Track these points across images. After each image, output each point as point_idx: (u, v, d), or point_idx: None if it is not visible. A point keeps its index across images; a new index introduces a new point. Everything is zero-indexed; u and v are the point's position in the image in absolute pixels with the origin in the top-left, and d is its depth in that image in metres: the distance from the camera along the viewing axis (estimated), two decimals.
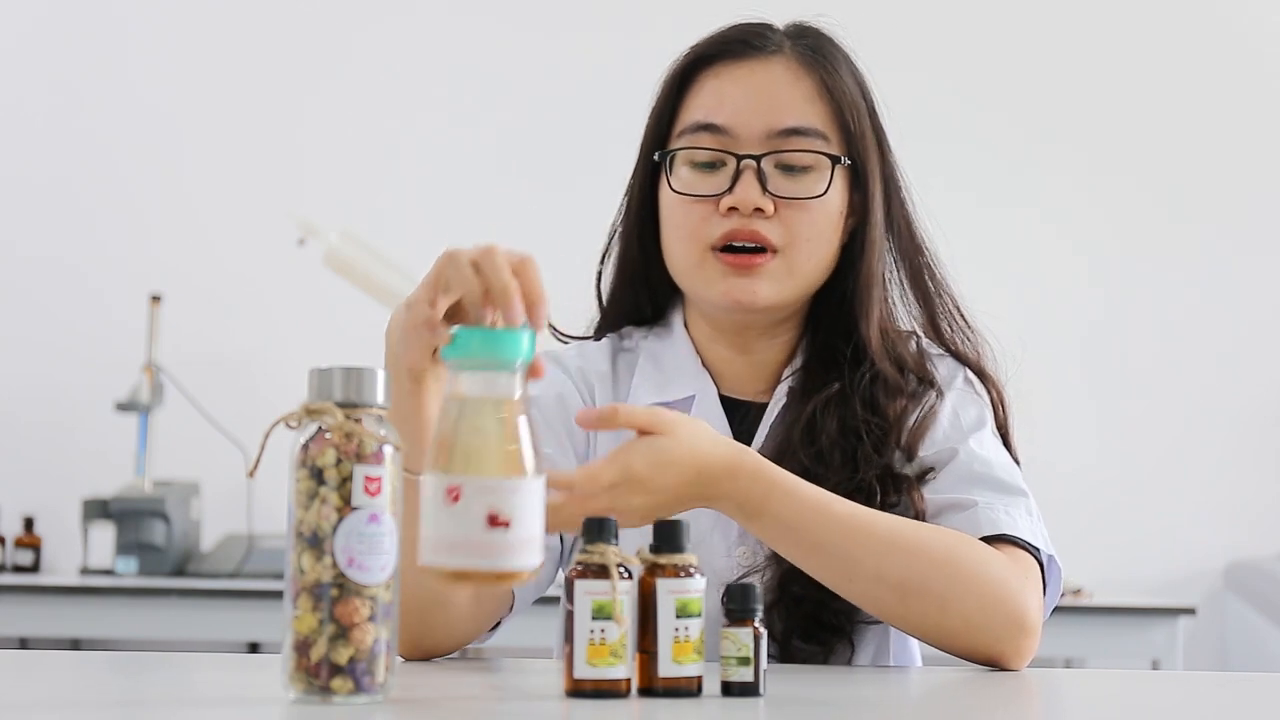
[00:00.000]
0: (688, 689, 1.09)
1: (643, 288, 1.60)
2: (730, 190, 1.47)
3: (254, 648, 3.51)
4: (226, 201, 4.00)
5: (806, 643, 1.44)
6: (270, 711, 1.01)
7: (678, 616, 1.08)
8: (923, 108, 3.35)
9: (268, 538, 3.50)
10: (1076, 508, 3.75)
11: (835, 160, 1.49)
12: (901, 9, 3.98)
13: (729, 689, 1.11)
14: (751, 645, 1.10)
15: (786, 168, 1.49)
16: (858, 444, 1.47)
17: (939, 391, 1.52)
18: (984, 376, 1.56)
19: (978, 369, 1.56)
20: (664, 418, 1.28)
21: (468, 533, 1.04)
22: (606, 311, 1.64)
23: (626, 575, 1.08)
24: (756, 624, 1.11)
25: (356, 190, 3.99)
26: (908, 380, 1.52)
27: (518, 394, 1.07)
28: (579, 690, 1.06)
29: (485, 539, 1.03)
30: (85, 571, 3.47)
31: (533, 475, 1.06)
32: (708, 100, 1.51)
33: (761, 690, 1.11)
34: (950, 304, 1.57)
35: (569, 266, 1.60)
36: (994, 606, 1.34)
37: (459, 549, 1.04)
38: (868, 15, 1.96)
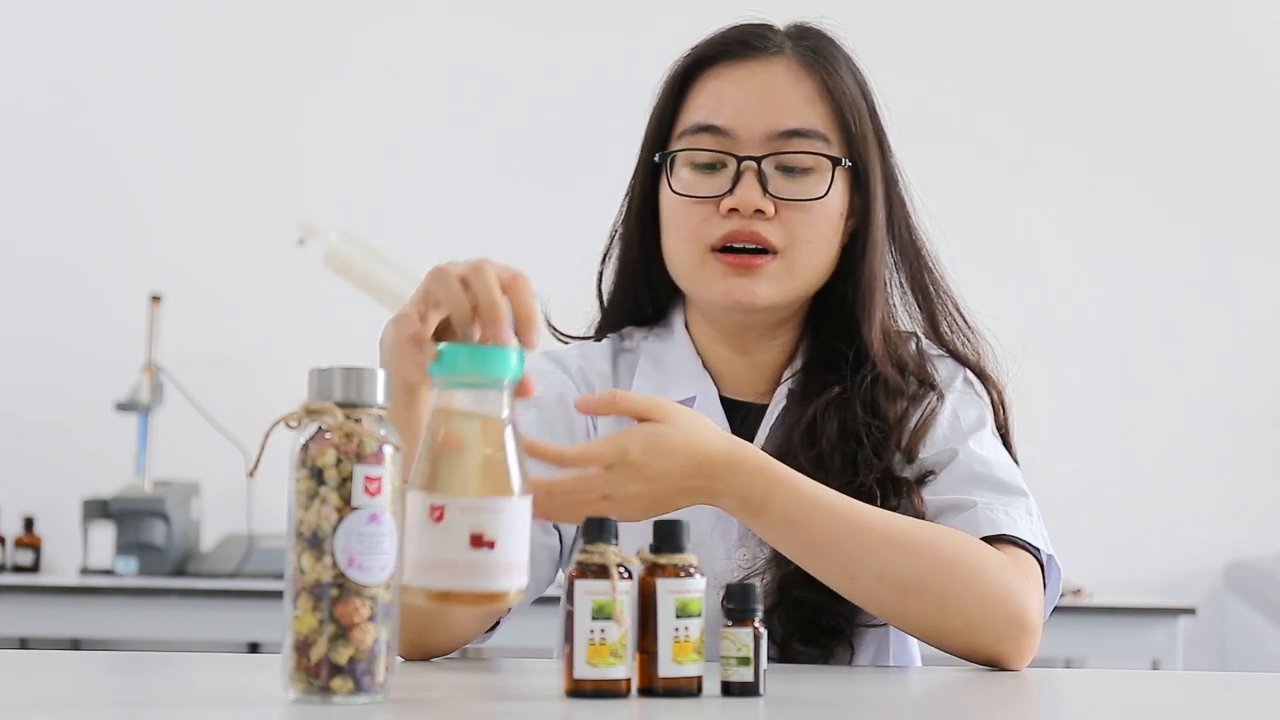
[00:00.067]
0: (688, 689, 1.09)
1: (643, 288, 1.60)
2: (731, 191, 1.47)
3: (254, 648, 3.51)
4: (226, 201, 4.00)
5: (806, 645, 1.44)
6: (270, 711, 1.01)
7: (678, 616, 1.08)
8: (923, 108, 3.35)
9: (268, 538, 3.50)
10: (1076, 508, 3.75)
11: (836, 162, 1.49)
12: (902, 10, 3.98)
13: (729, 689, 1.11)
14: (751, 645, 1.10)
15: (787, 169, 1.49)
16: (858, 447, 1.47)
17: (939, 393, 1.52)
18: (984, 377, 1.56)
19: (978, 370, 1.56)
20: (663, 405, 1.28)
21: (450, 553, 1.02)
22: (607, 312, 1.64)
23: (626, 575, 1.08)
24: (756, 624, 1.11)
25: (356, 190, 3.99)
26: (908, 382, 1.52)
27: (505, 412, 1.06)
28: (579, 690, 1.06)
29: (468, 560, 1.02)
30: (85, 571, 3.47)
31: (519, 495, 1.05)
32: (708, 101, 1.50)
33: (761, 690, 1.11)
34: (950, 305, 1.57)
35: (569, 266, 1.60)
36: (994, 606, 1.34)
37: (441, 569, 1.03)
38: (868, 16, 1.96)
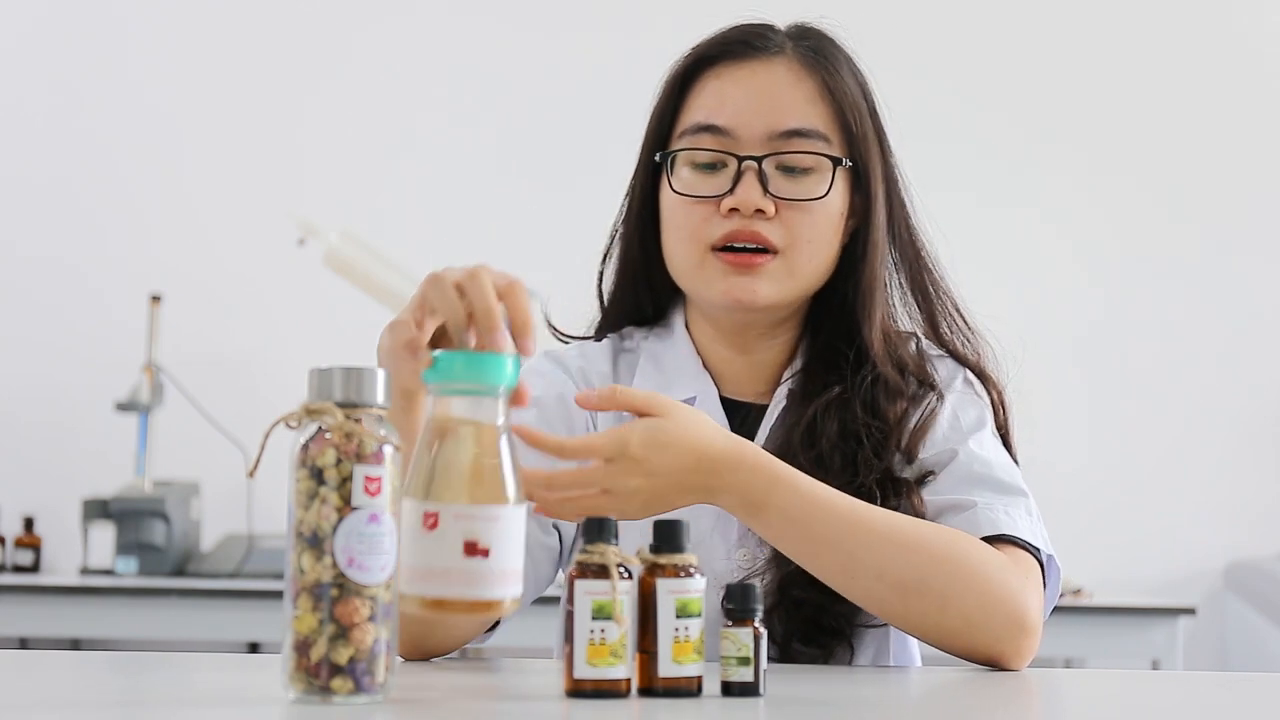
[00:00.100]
0: (688, 689, 1.09)
1: (644, 288, 1.60)
2: (731, 191, 1.47)
3: (254, 648, 3.50)
4: (226, 201, 4.00)
5: (806, 646, 1.44)
6: (270, 711, 1.01)
7: (678, 616, 1.08)
8: (923, 108, 3.35)
9: (268, 538, 3.50)
10: (1076, 508, 3.75)
11: (837, 162, 1.49)
12: (902, 10, 3.98)
13: (729, 689, 1.11)
14: (751, 645, 1.10)
15: (788, 169, 1.49)
16: (858, 447, 1.47)
17: (939, 393, 1.52)
18: (984, 377, 1.56)
19: (978, 370, 1.56)
20: (662, 401, 1.28)
21: (444, 561, 1.02)
22: (607, 312, 1.64)
23: (626, 575, 1.07)
24: (756, 624, 1.11)
25: (356, 190, 3.99)
26: (908, 382, 1.52)
27: (500, 420, 1.06)
28: (579, 690, 1.06)
29: (462, 567, 1.02)
30: (85, 571, 3.47)
31: (514, 504, 1.04)
32: (709, 101, 1.50)
33: (761, 690, 1.11)
34: (950, 305, 1.57)
35: (569, 266, 1.60)
36: (994, 606, 1.34)
37: (435, 577, 1.02)
38: (868, 16, 1.96)
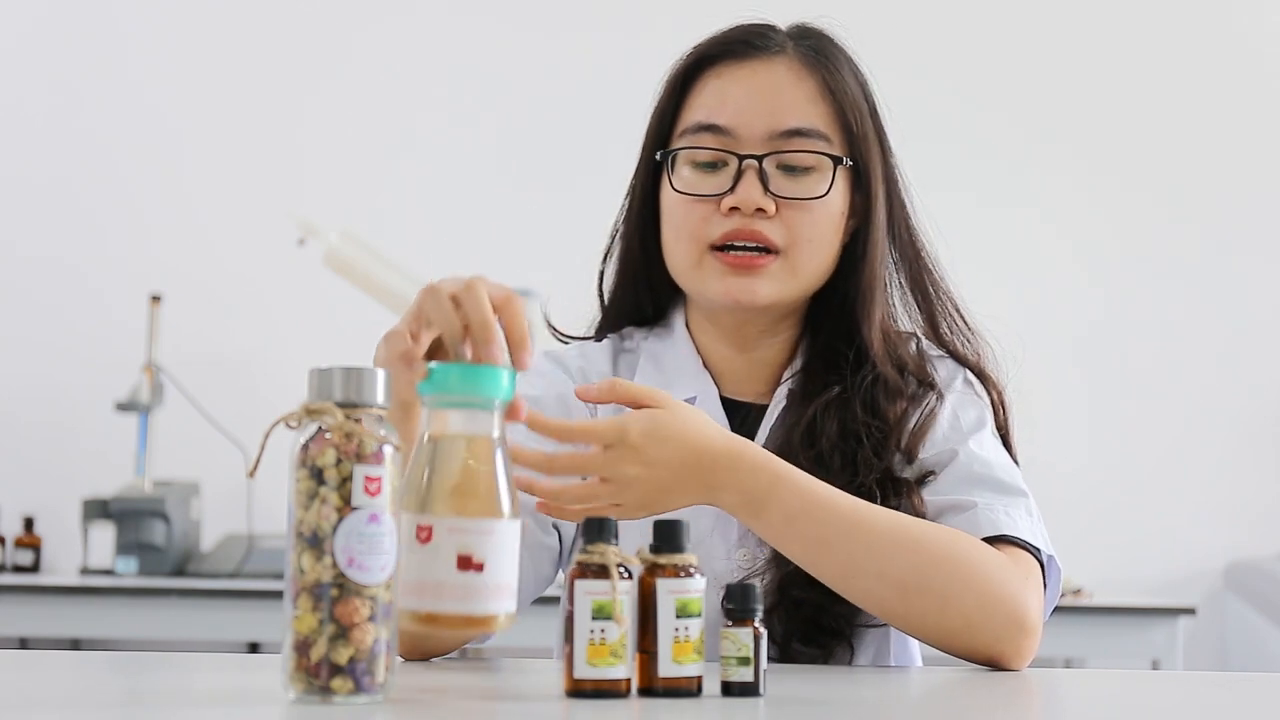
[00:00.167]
0: (688, 689, 1.09)
1: (644, 288, 1.60)
2: (732, 190, 1.47)
3: (254, 648, 3.51)
4: (226, 201, 4.00)
5: (806, 646, 1.44)
6: (270, 711, 1.01)
7: (678, 616, 1.08)
8: (923, 109, 3.35)
9: (268, 538, 3.50)
10: (1076, 508, 3.75)
11: (837, 161, 1.49)
12: (902, 10, 3.99)
13: (729, 689, 1.11)
14: (751, 645, 1.10)
15: (788, 168, 1.49)
16: (858, 447, 1.47)
17: (939, 393, 1.52)
18: (984, 378, 1.56)
19: (978, 370, 1.56)
20: (662, 395, 1.30)
21: (438, 574, 1.02)
22: (607, 311, 1.64)
23: (626, 575, 1.07)
24: (756, 624, 1.11)
25: (356, 190, 3.99)
26: (908, 382, 1.52)
27: (495, 433, 1.06)
28: (579, 690, 1.06)
29: (456, 581, 1.02)
30: (85, 571, 3.47)
31: (509, 517, 1.04)
32: (710, 100, 1.50)
33: (761, 690, 1.10)
34: (950, 305, 1.57)
35: (569, 266, 1.60)
36: (994, 606, 1.33)
37: (428, 591, 1.02)
38: (868, 16, 1.96)
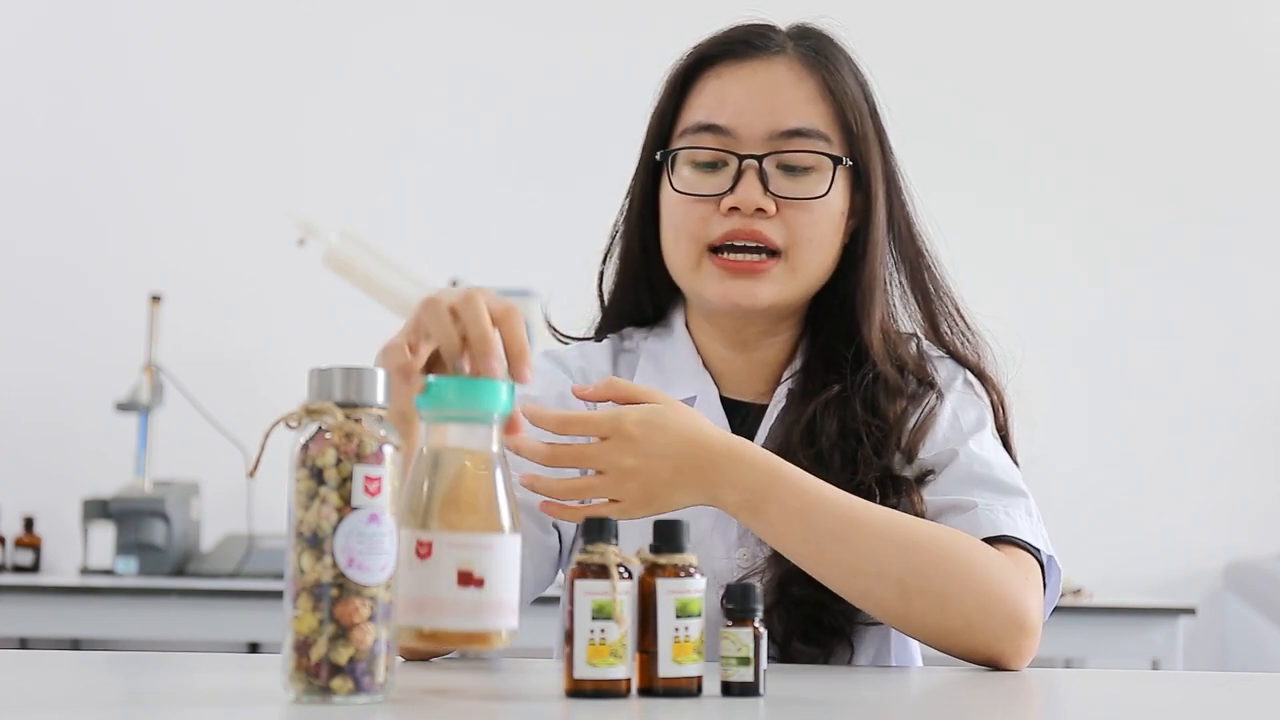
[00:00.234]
0: (688, 689, 1.09)
1: (644, 288, 1.60)
2: (732, 190, 1.47)
3: (254, 648, 3.51)
4: (226, 201, 4.00)
5: (806, 645, 1.44)
6: (270, 711, 1.01)
7: (678, 616, 1.08)
8: (923, 109, 3.35)
9: (268, 538, 3.50)
10: (1076, 508, 3.75)
11: (837, 161, 1.49)
12: (902, 10, 3.99)
13: (729, 689, 1.11)
14: (751, 645, 1.10)
15: (788, 168, 1.49)
16: (857, 446, 1.47)
17: (938, 392, 1.52)
18: (984, 378, 1.56)
19: (977, 371, 1.56)
20: (660, 394, 1.32)
21: (439, 591, 1.01)
22: (607, 311, 1.64)
23: (626, 575, 1.07)
24: (756, 624, 1.11)
25: (356, 190, 3.99)
26: (907, 381, 1.52)
27: (494, 447, 1.06)
28: (579, 690, 1.06)
29: (456, 598, 1.02)
30: (85, 571, 3.47)
31: (509, 532, 1.04)
32: (710, 100, 1.50)
33: (761, 690, 1.10)
34: (950, 305, 1.57)
35: (569, 266, 1.60)
36: (994, 606, 1.33)
37: (428, 607, 1.02)
38: (868, 16, 1.96)
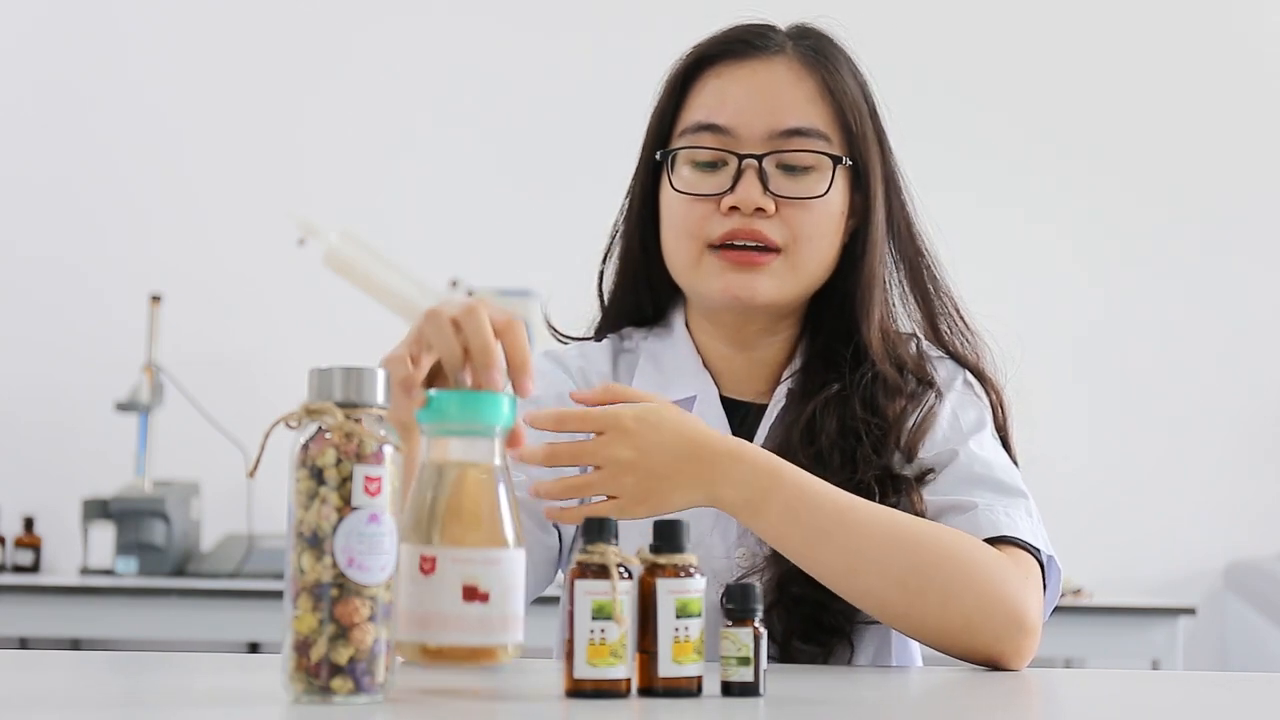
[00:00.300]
0: (688, 689, 1.09)
1: (644, 288, 1.60)
2: (732, 190, 1.47)
3: (254, 648, 3.50)
4: (226, 201, 4.00)
5: (806, 644, 1.44)
6: (270, 711, 1.00)
7: (678, 616, 1.08)
8: (923, 109, 3.35)
9: (268, 538, 3.50)
10: (1076, 508, 3.75)
11: (837, 160, 1.49)
12: (902, 10, 3.98)
13: (729, 689, 1.11)
14: (751, 645, 1.10)
15: (788, 168, 1.49)
16: (857, 445, 1.47)
17: (938, 391, 1.52)
18: (983, 378, 1.56)
19: (977, 371, 1.56)
20: (656, 396, 1.34)
21: (443, 606, 1.01)
22: (607, 311, 1.64)
23: (626, 575, 1.07)
24: (756, 624, 1.11)
25: (356, 190, 3.99)
26: (907, 381, 1.52)
27: (497, 460, 1.06)
28: (579, 690, 1.06)
29: (461, 613, 1.01)
30: (85, 571, 3.47)
31: (513, 546, 1.04)
32: (710, 100, 1.51)
33: (761, 690, 1.10)
34: (950, 305, 1.57)
35: (569, 266, 1.60)
36: (994, 605, 1.33)
37: (433, 623, 1.02)
38: (868, 16, 1.96)
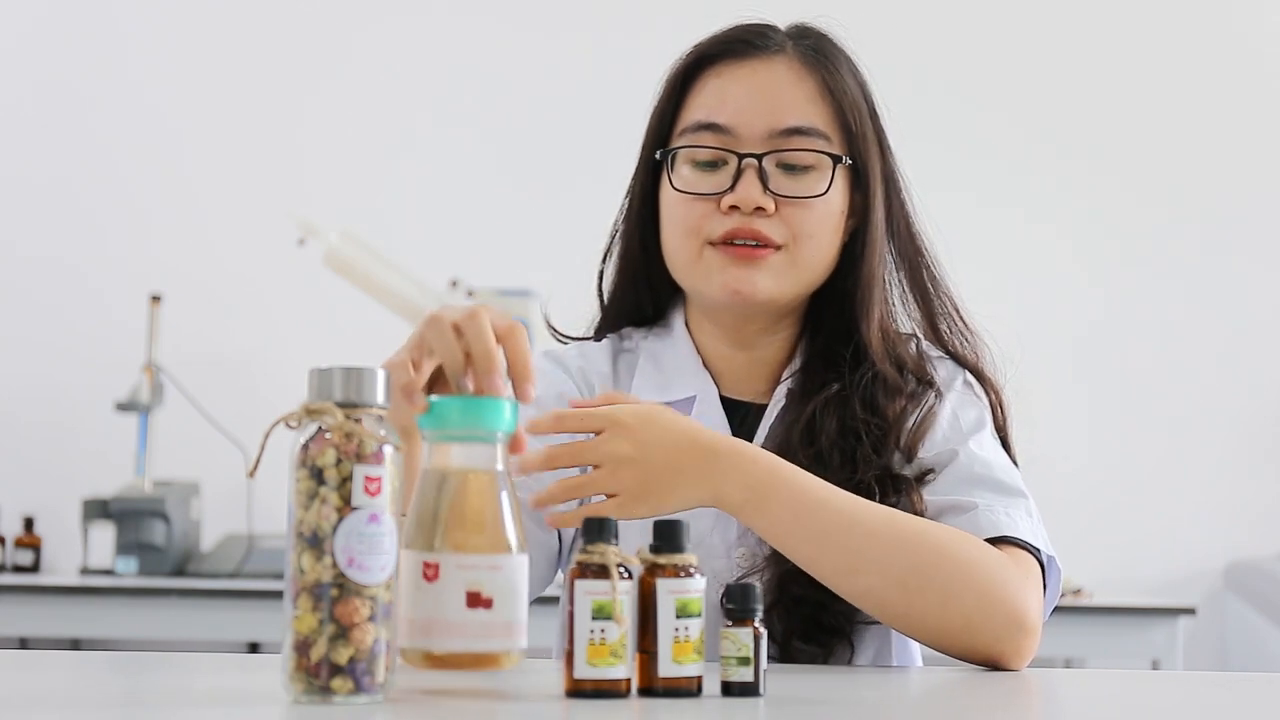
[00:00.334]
0: (688, 689, 1.09)
1: (644, 287, 1.60)
2: (732, 189, 1.47)
3: (254, 648, 3.50)
4: (226, 201, 4.00)
5: (806, 644, 1.44)
6: (270, 711, 1.00)
7: (678, 616, 1.08)
8: (923, 108, 3.35)
9: (268, 538, 3.50)
10: (1076, 508, 3.75)
11: (837, 160, 1.49)
12: (902, 10, 3.98)
13: (729, 689, 1.11)
14: (751, 645, 1.10)
15: (788, 167, 1.49)
16: (857, 445, 1.47)
17: (937, 391, 1.52)
18: (983, 379, 1.56)
19: (976, 371, 1.56)
20: (655, 403, 1.36)
21: (447, 613, 1.01)
22: (607, 311, 1.64)
23: (626, 575, 1.07)
24: (756, 624, 1.11)
25: (356, 190, 3.99)
26: (906, 380, 1.52)
27: (499, 466, 1.06)
28: (579, 690, 1.06)
29: (465, 619, 1.01)
30: (85, 571, 3.47)
31: (516, 552, 1.04)
32: (710, 99, 1.51)
33: (761, 690, 1.10)
34: (949, 305, 1.57)
35: (569, 266, 1.60)
36: (994, 605, 1.33)
37: (436, 630, 1.02)
38: (868, 16, 1.96)
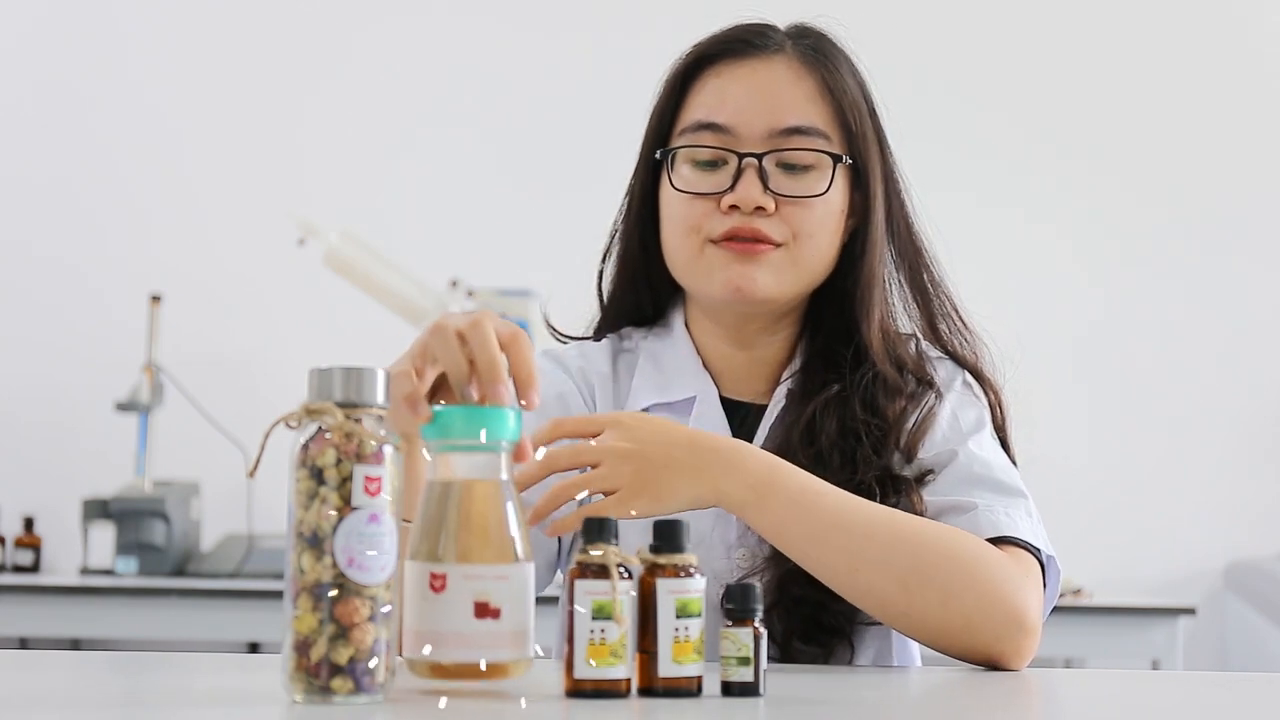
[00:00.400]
0: (688, 689, 1.09)
1: (644, 287, 1.60)
2: (732, 188, 1.47)
3: (254, 648, 3.51)
4: (226, 201, 4.00)
5: (806, 644, 1.44)
6: (270, 711, 1.00)
7: (678, 616, 1.08)
8: (923, 108, 3.35)
9: (268, 538, 3.50)
10: (1076, 508, 3.75)
11: (836, 159, 1.50)
12: (902, 10, 3.98)
13: (729, 689, 1.11)
14: (751, 645, 1.10)
15: (788, 166, 1.49)
16: (857, 445, 1.47)
17: (937, 391, 1.52)
18: (982, 379, 1.56)
19: (976, 371, 1.56)
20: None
21: (454, 624, 1.01)
22: (607, 311, 1.64)
23: (626, 575, 1.07)
24: (756, 624, 1.11)
25: (356, 190, 3.99)
26: (906, 381, 1.52)
27: (504, 475, 1.06)
28: (579, 690, 1.06)
29: (473, 630, 1.02)
30: (85, 571, 3.47)
31: (523, 561, 1.04)
32: (709, 99, 1.51)
33: (761, 690, 1.10)
34: (949, 305, 1.57)
35: (569, 266, 1.60)
36: (994, 604, 1.33)
37: (444, 641, 1.02)
38: (868, 16, 1.96)
